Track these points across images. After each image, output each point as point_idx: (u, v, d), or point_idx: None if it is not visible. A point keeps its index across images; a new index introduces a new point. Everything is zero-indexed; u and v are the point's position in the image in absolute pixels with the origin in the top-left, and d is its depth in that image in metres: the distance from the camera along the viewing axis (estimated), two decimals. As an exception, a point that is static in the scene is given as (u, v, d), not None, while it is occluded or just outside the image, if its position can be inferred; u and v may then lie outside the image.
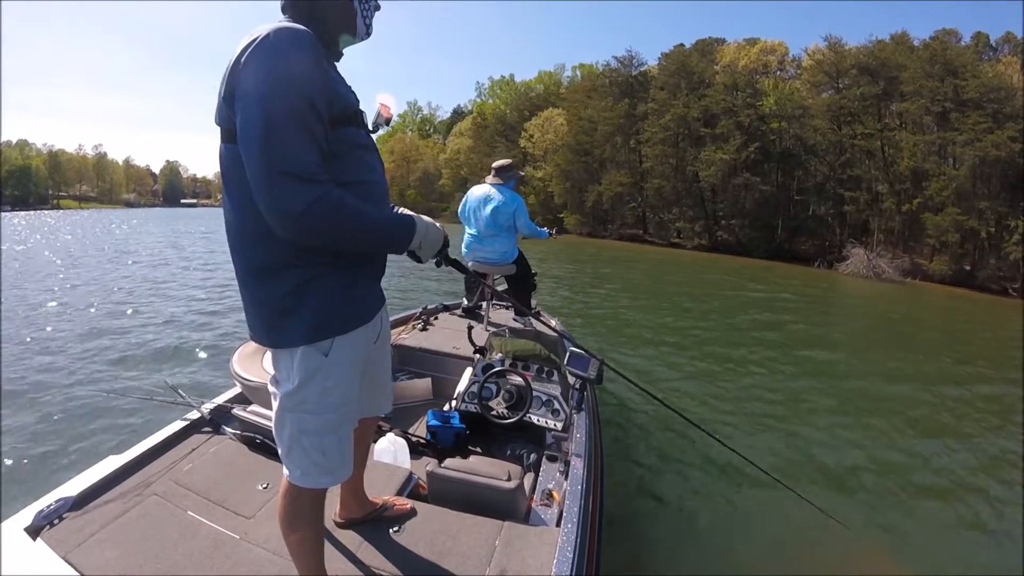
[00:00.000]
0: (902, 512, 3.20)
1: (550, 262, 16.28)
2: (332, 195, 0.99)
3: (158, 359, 5.13)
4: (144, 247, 17.27)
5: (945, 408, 5.18)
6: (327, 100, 1.01)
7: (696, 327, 8.24)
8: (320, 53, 1.04)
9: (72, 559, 1.40)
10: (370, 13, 1.19)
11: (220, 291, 8.96)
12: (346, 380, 1.17)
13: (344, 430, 1.21)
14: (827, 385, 5.68)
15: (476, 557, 1.55)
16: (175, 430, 2.07)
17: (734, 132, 28.34)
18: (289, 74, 0.95)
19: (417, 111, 66.54)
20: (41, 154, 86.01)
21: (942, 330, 10.66)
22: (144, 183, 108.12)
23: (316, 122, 0.99)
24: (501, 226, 3.89)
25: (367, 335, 1.22)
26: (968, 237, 22.32)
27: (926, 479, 3.65)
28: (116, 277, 10.41)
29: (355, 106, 1.12)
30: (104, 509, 1.61)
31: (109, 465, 1.80)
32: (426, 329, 3.82)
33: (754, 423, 4.37)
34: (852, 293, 17.05)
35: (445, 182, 48.37)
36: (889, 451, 4.03)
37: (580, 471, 2.01)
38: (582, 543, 1.63)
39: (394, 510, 1.70)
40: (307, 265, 1.08)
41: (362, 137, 1.14)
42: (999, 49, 32.01)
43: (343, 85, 1.11)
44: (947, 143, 23.82)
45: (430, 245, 1.20)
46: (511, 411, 2.50)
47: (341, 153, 1.07)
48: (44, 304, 7.47)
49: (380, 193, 1.19)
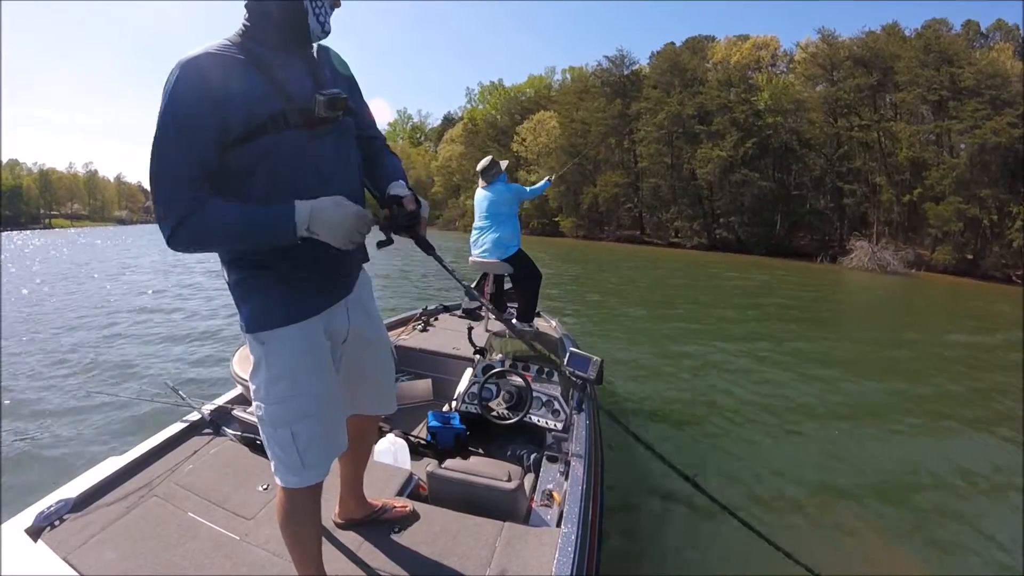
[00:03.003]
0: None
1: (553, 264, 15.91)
2: (189, 222, 1.04)
3: (158, 361, 5.10)
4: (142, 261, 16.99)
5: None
6: (213, 126, 1.04)
7: (717, 340, 7.68)
8: (219, 73, 1.05)
9: (73, 560, 1.41)
10: (323, 11, 1.17)
11: (219, 292, 8.82)
12: (291, 373, 1.19)
13: (301, 427, 1.20)
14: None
15: (476, 558, 1.54)
16: (175, 431, 2.07)
17: (730, 128, 28.10)
18: (166, 117, 1.03)
19: (407, 119, 66.41)
20: (31, 173, 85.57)
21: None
22: (136, 200, 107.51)
23: (190, 155, 1.04)
24: (500, 216, 3.90)
25: (312, 332, 1.22)
26: (969, 226, 22.06)
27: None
28: (116, 282, 10.52)
29: (264, 114, 1.08)
30: (105, 510, 1.62)
31: (109, 466, 1.80)
32: (426, 330, 3.84)
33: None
34: (868, 288, 16.60)
35: (437, 189, 48.13)
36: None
37: (580, 472, 2.01)
38: (582, 543, 1.63)
39: (393, 512, 1.68)
40: (238, 264, 1.17)
41: (286, 140, 1.10)
42: (990, 36, 32.07)
43: (262, 91, 1.09)
44: (945, 131, 23.63)
45: (329, 226, 1.10)
46: (511, 412, 2.51)
47: (253, 168, 1.09)
48: (44, 305, 7.65)
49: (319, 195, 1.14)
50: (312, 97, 1.12)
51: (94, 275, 12.58)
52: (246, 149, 1.07)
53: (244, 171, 1.09)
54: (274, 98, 1.10)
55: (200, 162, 1.04)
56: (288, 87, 1.12)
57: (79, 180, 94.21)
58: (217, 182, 1.08)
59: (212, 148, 1.05)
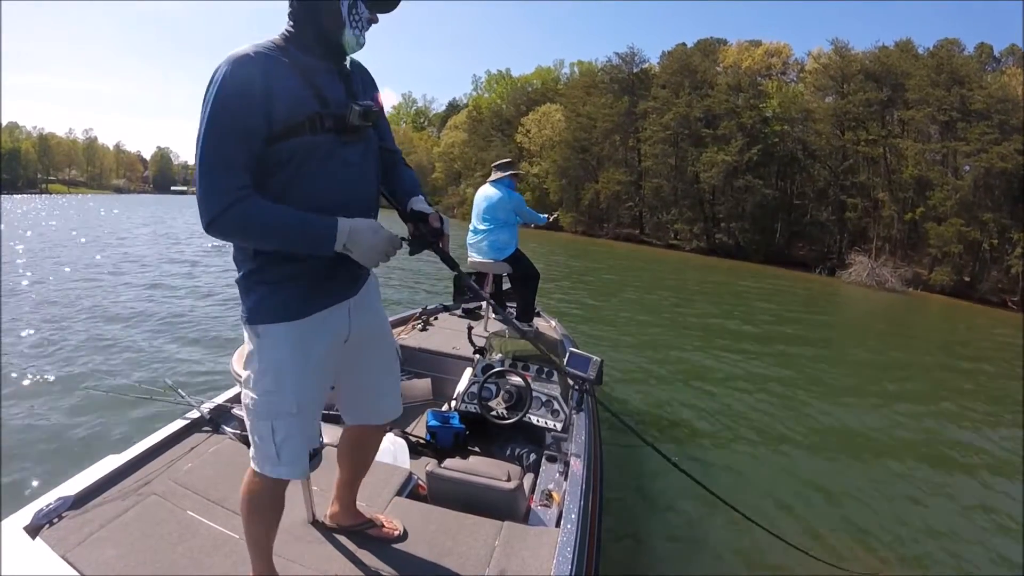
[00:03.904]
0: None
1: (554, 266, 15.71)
2: (234, 210, 1.07)
3: (157, 358, 5.06)
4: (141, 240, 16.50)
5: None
6: (262, 119, 1.08)
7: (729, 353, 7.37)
8: (265, 71, 1.08)
9: (71, 558, 1.40)
10: (360, 25, 1.21)
11: (221, 289, 8.52)
12: (277, 370, 1.22)
13: (280, 424, 1.24)
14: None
15: (476, 557, 1.55)
16: (174, 429, 2.06)
17: (736, 133, 27.81)
18: (216, 107, 1.06)
19: (412, 103, 65.95)
20: (31, 137, 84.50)
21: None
22: (134, 169, 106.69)
23: (238, 146, 1.07)
24: (498, 220, 3.95)
25: (306, 332, 1.24)
26: (969, 248, 21.96)
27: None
28: (113, 270, 9.99)
29: (303, 115, 1.12)
30: (103, 508, 1.61)
31: (108, 464, 1.79)
32: (426, 329, 3.87)
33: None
34: (866, 303, 16.51)
35: (438, 175, 47.81)
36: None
37: (580, 471, 2.02)
38: (582, 543, 1.63)
39: (381, 531, 1.64)
40: (249, 260, 1.21)
41: (322, 145, 1.15)
42: (1003, 60, 31.92)
43: (302, 93, 1.13)
44: (951, 152, 23.48)
45: (363, 248, 1.16)
46: (511, 411, 2.52)
47: (282, 164, 1.13)
48: (40, 302, 7.12)
49: (336, 203, 1.18)
50: (347, 105, 1.17)
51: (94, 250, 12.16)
52: (281, 146, 1.11)
53: (272, 166, 1.12)
54: (312, 101, 1.14)
55: (248, 152, 1.08)
56: (325, 93, 1.16)
57: (78, 146, 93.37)
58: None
59: (259, 140, 1.09)
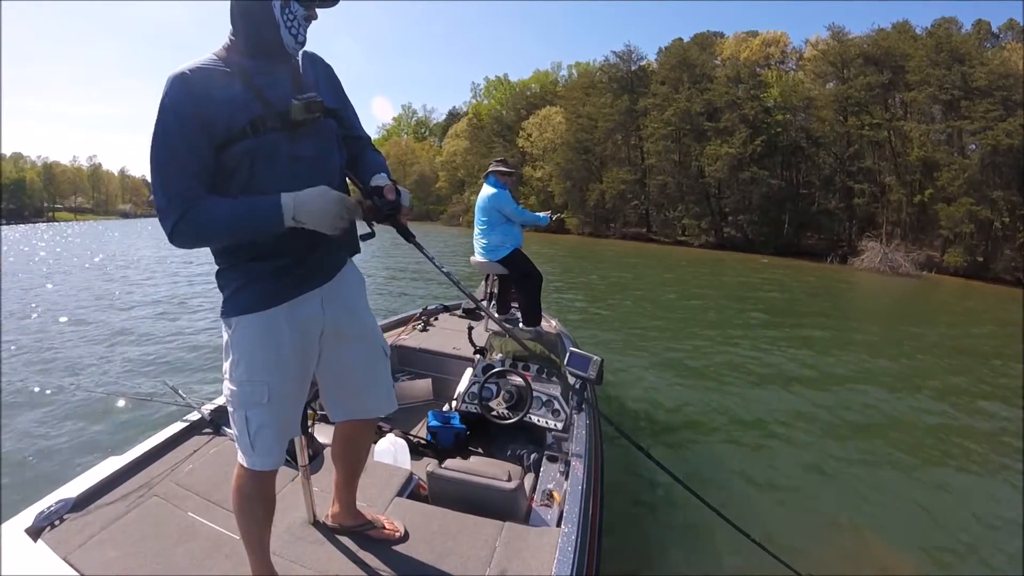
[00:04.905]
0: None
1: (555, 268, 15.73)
2: (188, 216, 1.12)
3: (158, 360, 5.07)
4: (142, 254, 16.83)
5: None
6: (200, 134, 1.13)
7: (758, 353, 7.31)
8: (200, 86, 1.13)
9: (73, 560, 1.41)
10: (296, 25, 1.22)
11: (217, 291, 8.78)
12: (248, 360, 1.26)
13: (252, 413, 1.27)
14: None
15: (476, 558, 1.54)
16: (175, 431, 2.07)
17: (739, 125, 27.76)
18: (158, 128, 1.12)
19: (412, 114, 66.13)
20: (35, 166, 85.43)
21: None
22: (140, 193, 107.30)
23: (185, 160, 1.13)
24: (491, 221, 3.86)
25: (272, 322, 1.26)
26: (980, 228, 21.80)
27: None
28: (116, 279, 10.43)
29: (245, 119, 1.16)
30: (105, 510, 1.62)
31: (109, 466, 1.80)
32: (426, 330, 3.86)
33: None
34: (883, 290, 16.37)
35: (442, 184, 47.91)
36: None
37: (580, 471, 2.01)
38: (582, 543, 1.63)
39: (382, 532, 1.64)
40: (220, 256, 1.27)
41: (266, 145, 1.18)
42: (1001, 36, 31.65)
43: (242, 99, 1.17)
44: (956, 132, 23.35)
45: (314, 213, 1.16)
46: (511, 411, 2.51)
47: (234, 169, 1.17)
48: (42, 306, 7.53)
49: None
50: (290, 102, 1.19)
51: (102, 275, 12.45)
52: (230, 152, 1.15)
53: (227, 172, 1.17)
54: (252, 104, 1.18)
55: (198, 162, 1.13)
56: (266, 93, 1.19)
57: (83, 173, 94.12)
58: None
59: (206, 151, 1.14)
